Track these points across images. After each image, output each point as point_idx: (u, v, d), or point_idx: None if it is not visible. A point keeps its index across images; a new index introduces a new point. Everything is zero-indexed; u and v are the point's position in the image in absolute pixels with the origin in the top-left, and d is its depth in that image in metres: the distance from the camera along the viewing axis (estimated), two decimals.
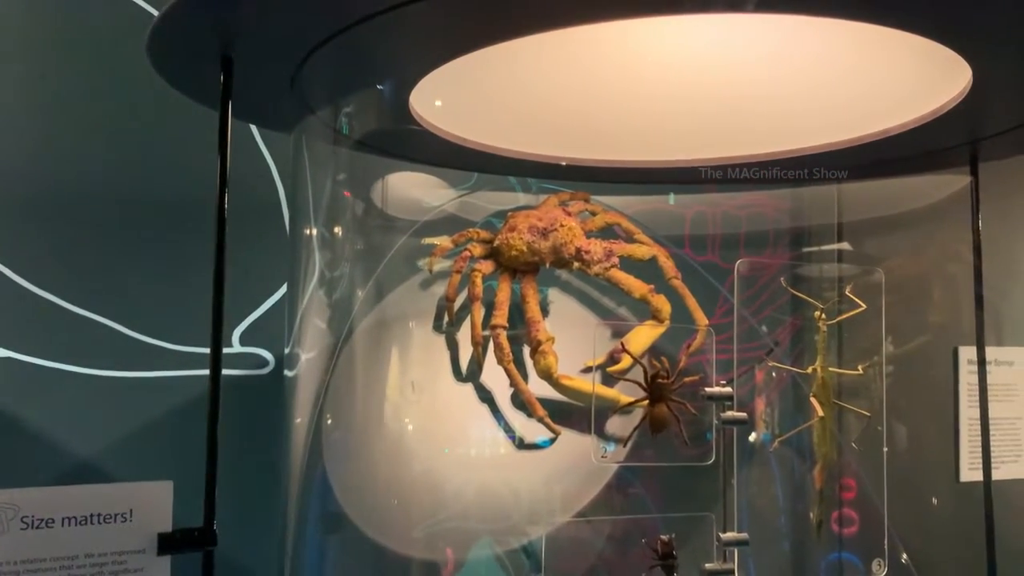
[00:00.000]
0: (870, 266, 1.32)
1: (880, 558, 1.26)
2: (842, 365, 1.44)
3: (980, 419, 1.52)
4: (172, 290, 1.53)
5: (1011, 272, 1.69)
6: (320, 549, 1.37)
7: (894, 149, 1.31)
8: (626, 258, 1.42)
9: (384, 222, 1.44)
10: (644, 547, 1.18)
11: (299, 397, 1.36)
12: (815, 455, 1.28)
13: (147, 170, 1.54)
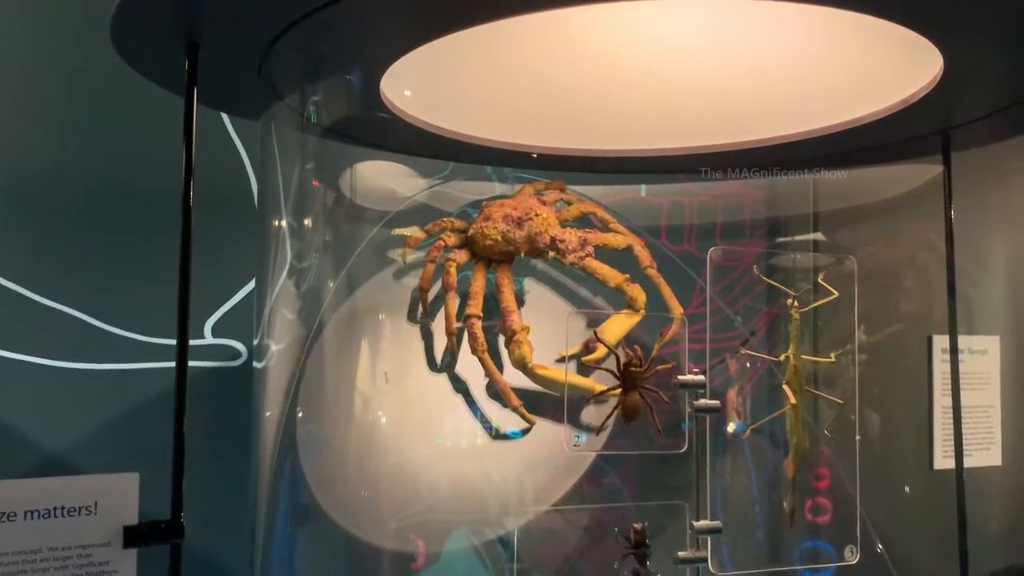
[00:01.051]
0: (844, 255, 1.33)
1: (852, 545, 1.26)
2: (817, 353, 1.44)
3: (952, 407, 1.53)
4: (143, 281, 1.51)
5: (984, 261, 1.70)
6: (292, 541, 1.36)
7: (867, 137, 1.31)
8: (601, 247, 1.42)
9: (356, 212, 1.43)
10: (617, 536, 1.18)
11: (269, 389, 1.35)
12: (788, 443, 1.28)
13: (117, 159, 1.51)
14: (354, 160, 1.41)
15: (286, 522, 1.34)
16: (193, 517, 1.07)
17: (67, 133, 1.49)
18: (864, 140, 1.34)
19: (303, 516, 1.35)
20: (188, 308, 1.04)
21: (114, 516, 0.98)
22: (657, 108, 1.35)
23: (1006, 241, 1.68)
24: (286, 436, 1.32)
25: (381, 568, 1.40)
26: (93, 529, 0.97)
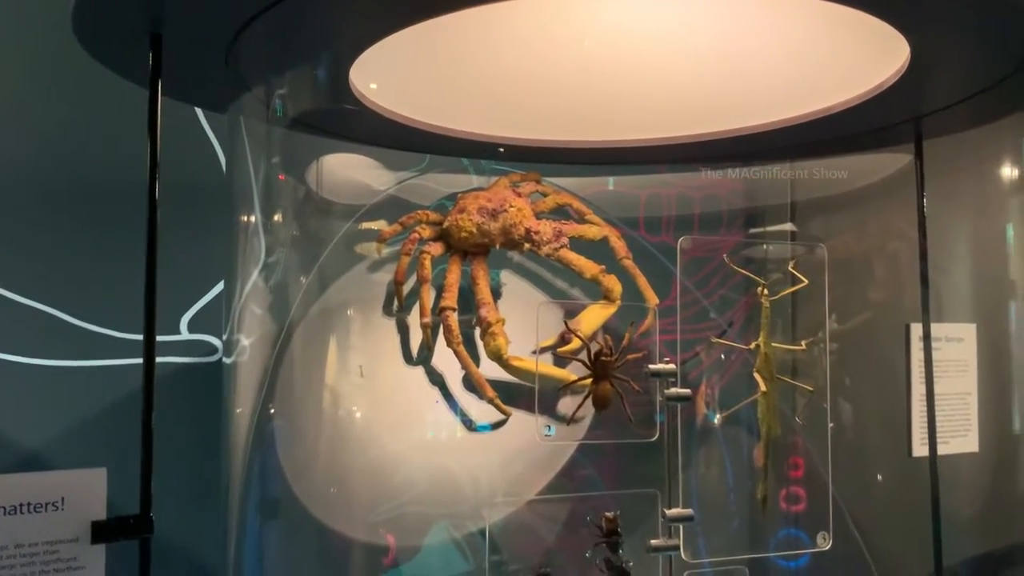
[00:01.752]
0: (815, 243, 1.33)
1: (825, 531, 1.27)
2: (793, 342, 1.45)
3: (926, 395, 1.54)
4: (118, 277, 1.49)
5: (961, 249, 1.71)
6: (269, 536, 1.36)
7: (840, 126, 1.32)
8: (577, 239, 1.42)
9: (328, 206, 1.42)
10: (589, 525, 1.18)
11: (240, 384, 1.34)
12: (759, 430, 1.28)
13: (92, 153, 1.50)
14: (326, 153, 1.40)
15: (261, 516, 1.33)
16: (167, 513, 1.07)
17: (37, 127, 1.48)
18: (837, 129, 1.34)
19: (280, 510, 1.35)
20: (155, 303, 1.03)
21: (82, 512, 0.97)
22: (630, 99, 1.34)
23: (981, 229, 1.68)
24: (259, 431, 1.32)
25: (359, 562, 1.39)
26: (60, 525, 0.96)
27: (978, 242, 1.68)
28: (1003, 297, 1.66)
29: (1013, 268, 1.65)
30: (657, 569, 1.20)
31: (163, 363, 1.52)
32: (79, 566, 0.97)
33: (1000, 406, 1.65)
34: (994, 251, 1.67)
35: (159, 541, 1.02)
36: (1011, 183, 1.60)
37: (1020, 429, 1.64)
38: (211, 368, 1.55)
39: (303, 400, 1.39)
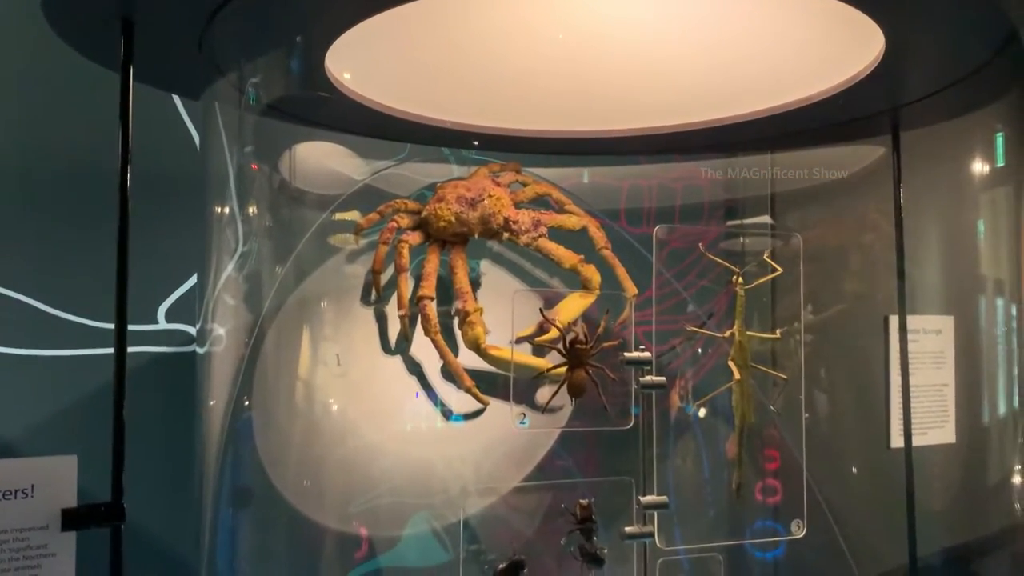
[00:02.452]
0: (794, 233, 1.34)
1: (799, 519, 1.28)
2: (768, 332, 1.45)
3: (902, 386, 1.56)
4: (95, 266, 1.48)
5: (938, 241, 1.72)
6: (244, 526, 1.35)
7: (817, 117, 1.32)
8: (557, 229, 1.42)
9: (304, 195, 1.41)
10: (564, 511, 1.18)
11: (215, 374, 1.33)
12: (734, 418, 1.29)
13: (70, 139, 1.48)
14: (302, 141, 1.39)
15: (236, 507, 1.33)
16: (140, 502, 1.06)
17: (8, 112, 1.46)
18: (814, 120, 1.35)
19: (255, 500, 1.34)
20: (126, 292, 1.03)
21: (52, 499, 0.97)
22: (609, 89, 1.35)
23: (958, 221, 1.70)
24: (234, 422, 1.31)
25: (336, 552, 1.39)
26: (30, 512, 0.96)
27: (955, 235, 1.69)
28: (980, 290, 1.67)
29: (988, 261, 1.66)
30: (632, 556, 1.20)
31: (140, 353, 1.52)
32: (49, 553, 0.97)
33: (977, 398, 1.67)
34: (971, 244, 1.69)
35: (131, 530, 1.02)
36: (987, 175, 1.61)
37: (995, 420, 1.65)
38: (188, 358, 1.54)
39: (278, 390, 1.38)
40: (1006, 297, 1.62)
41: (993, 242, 1.64)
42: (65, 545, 0.98)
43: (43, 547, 0.97)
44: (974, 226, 1.66)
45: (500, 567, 1.18)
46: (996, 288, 1.64)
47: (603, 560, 1.17)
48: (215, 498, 1.32)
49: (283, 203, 1.40)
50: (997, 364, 1.64)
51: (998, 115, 1.42)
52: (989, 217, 1.64)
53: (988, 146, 1.54)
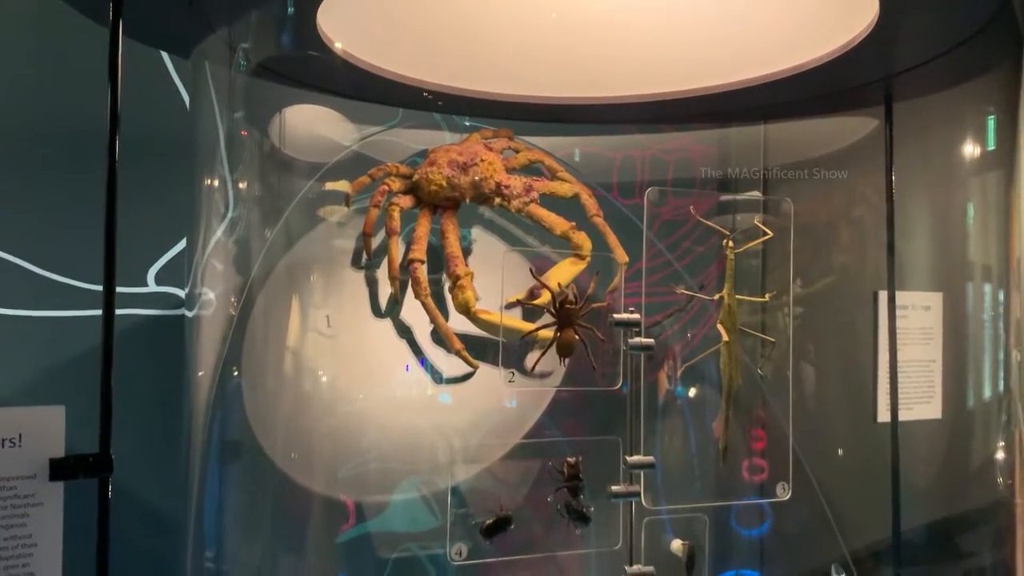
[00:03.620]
0: (784, 198, 1.34)
1: (784, 482, 1.29)
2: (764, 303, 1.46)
3: (889, 361, 1.56)
4: (86, 228, 1.47)
5: (929, 218, 1.72)
6: (233, 491, 1.35)
7: (811, 86, 1.32)
8: (549, 195, 1.42)
9: (294, 159, 1.40)
10: (551, 470, 1.19)
11: (204, 338, 1.33)
12: (721, 380, 1.30)
13: (64, 99, 1.47)
14: (294, 103, 1.38)
15: (224, 470, 1.33)
16: (129, 461, 1.06)
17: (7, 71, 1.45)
18: (808, 89, 1.35)
19: (243, 464, 1.35)
20: (115, 254, 1.02)
21: (39, 449, 0.97)
22: (601, 56, 1.34)
23: (949, 198, 1.70)
24: (222, 386, 1.31)
25: (325, 516, 1.40)
26: (18, 462, 0.96)
27: (946, 211, 1.69)
28: (969, 267, 1.68)
29: (977, 239, 1.67)
30: (618, 515, 1.21)
31: (129, 315, 1.51)
32: (37, 503, 0.97)
33: (964, 375, 1.68)
34: (962, 221, 1.69)
35: (119, 490, 1.02)
36: (978, 154, 1.61)
37: (982, 397, 1.66)
38: (178, 321, 1.54)
39: (267, 355, 1.38)
40: (995, 275, 1.63)
41: (982, 220, 1.64)
42: (53, 495, 0.98)
43: (31, 496, 0.97)
44: (964, 204, 1.67)
45: (487, 523, 1.19)
46: (985, 266, 1.65)
47: (589, 518, 1.18)
48: (203, 460, 1.32)
49: (273, 166, 1.40)
50: (985, 341, 1.65)
51: (989, 87, 1.43)
52: (979, 195, 1.64)
53: (979, 124, 1.55)
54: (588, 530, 1.19)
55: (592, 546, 1.24)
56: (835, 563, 1.47)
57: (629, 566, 1.17)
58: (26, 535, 0.96)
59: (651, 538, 1.19)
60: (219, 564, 1.31)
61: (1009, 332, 1.58)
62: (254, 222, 1.38)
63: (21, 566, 0.96)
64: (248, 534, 1.36)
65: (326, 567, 1.41)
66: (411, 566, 1.41)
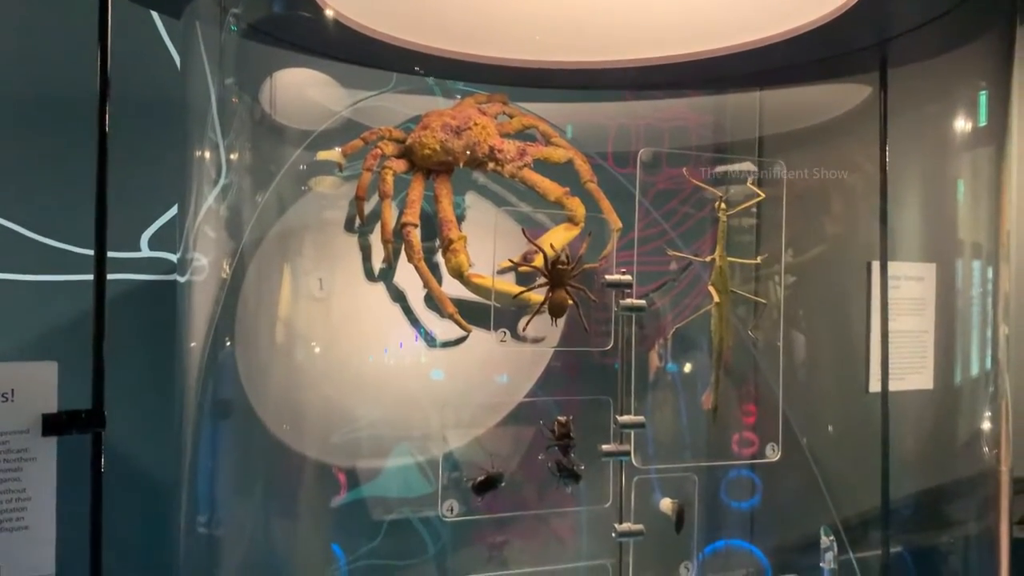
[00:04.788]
0: (777, 160, 1.33)
1: (774, 443, 1.30)
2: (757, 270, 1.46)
3: (880, 331, 1.57)
4: (81, 192, 1.47)
5: (925, 190, 1.72)
6: (226, 455, 1.36)
7: (806, 50, 1.32)
8: (543, 161, 1.41)
9: (288, 123, 1.39)
10: (542, 428, 1.20)
11: (196, 303, 1.33)
12: (712, 341, 1.30)
13: (59, 62, 1.46)
14: (286, 66, 1.37)
15: (216, 433, 1.34)
16: (123, 422, 1.07)
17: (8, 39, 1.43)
18: (803, 53, 1.34)
19: (237, 428, 1.35)
20: (106, 218, 1.01)
21: (32, 404, 0.97)
22: (597, 20, 1.33)
23: (943, 170, 1.70)
24: (214, 351, 1.31)
25: (319, 482, 1.41)
26: (10, 416, 0.96)
27: (937, 184, 1.69)
28: (960, 240, 1.68)
29: (968, 213, 1.67)
30: (608, 475, 1.22)
31: (123, 280, 1.51)
32: (30, 457, 0.98)
33: (956, 345, 1.69)
34: (952, 194, 1.69)
35: (113, 454, 1.02)
36: (970, 127, 1.61)
37: (971, 369, 1.67)
38: (172, 286, 1.54)
39: (260, 319, 1.38)
40: (984, 249, 1.64)
41: (973, 194, 1.64)
42: (46, 450, 0.98)
43: (24, 451, 0.97)
44: (955, 178, 1.67)
45: (478, 480, 1.20)
46: (975, 240, 1.65)
47: (579, 476, 1.19)
48: (196, 424, 1.33)
49: (266, 130, 1.39)
50: (974, 314, 1.66)
51: (982, 62, 1.42)
52: (970, 170, 1.64)
53: (971, 99, 1.55)
54: (579, 489, 1.21)
55: (583, 504, 1.25)
56: (824, 526, 1.48)
57: (619, 524, 1.19)
58: (20, 489, 0.97)
59: (641, 497, 1.20)
60: (212, 529, 1.32)
61: (998, 305, 1.59)
62: (246, 188, 1.37)
63: (15, 520, 0.97)
64: (242, 497, 1.37)
65: (321, 531, 1.42)
66: (406, 528, 1.43)
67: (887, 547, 1.58)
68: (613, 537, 1.22)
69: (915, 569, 1.63)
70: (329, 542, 1.43)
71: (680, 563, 1.27)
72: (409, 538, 1.44)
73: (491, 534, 1.39)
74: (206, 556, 1.32)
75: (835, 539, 1.51)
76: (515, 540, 1.39)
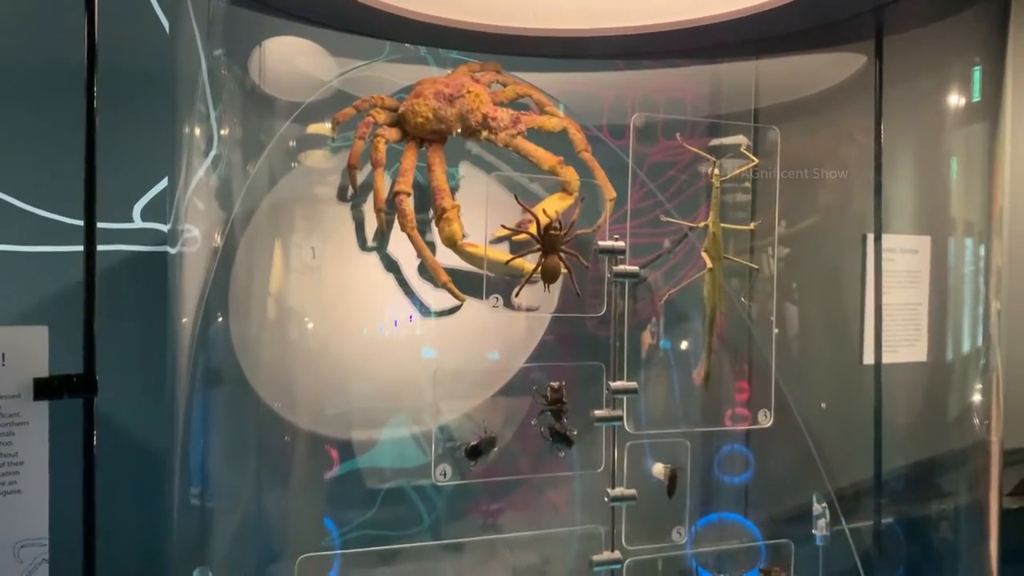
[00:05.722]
0: (771, 127, 1.32)
1: (766, 409, 1.31)
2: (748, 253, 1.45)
3: (874, 304, 1.57)
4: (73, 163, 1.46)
5: (919, 162, 1.72)
6: (220, 423, 1.36)
7: (800, 16, 1.30)
8: (536, 130, 1.40)
9: (279, 93, 1.38)
10: (535, 394, 1.20)
11: (187, 274, 1.33)
12: (705, 307, 1.30)
13: (52, 29, 1.44)
14: (277, 34, 1.35)
15: (211, 405, 1.33)
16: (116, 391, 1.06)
17: None
18: (798, 20, 1.33)
19: (229, 398, 1.35)
20: (95, 189, 1.00)
21: (23, 368, 0.97)
22: None
23: (937, 144, 1.69)
24: (206, 322, 1.31)
25: (312, 454, 1.41)
26: (1, 381, 0.96)
27: (931, 158, 1.69)
28: (952, 215, 1.68)
29: (961, 188, 1.67)
30: (601, 440, 1.23)
31: (115, 251, 1.50)
32: (22, 422, 0.97)
33: (949, 318, 1.69)
34: (946, 169, 1.69)
35: (106, 423, 1.02)
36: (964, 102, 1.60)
37: (964, 342, 1.68)
38: (164, 257, 1.53)
39: (253, 292, 1.38)
40: (977, 225, 1.64)
41: (966, 170, 1.64)
42: (38, 415, 0.98)
43: (15, 415, 0.97)
44: (949, 153, 1.66)
45: (471, 444, 1.21)
46: (967, 215, 1.65)
47: (572, 440, 1.19)
48: (188, 395, 1.33)
49: (256, 100, 1.38)
50: (967, 288, 1.66)
51: (977, 37, 1.41)
52: (963, 145, 1.64)
53: (965, 75, 1.54)
54: (572, 454, 1.21)
55: (576, 469, 1.25)
56: (816, 493, 1.49)
57: (611, 489, 1.19)
58: (12, 453, 0.97)
59: (633, 462, 1.20)
60: (205, 500, 1.33)
61: (990, 280, 1.60)
62: (236, 158, 1.36)
63: (8, 483, 0.97)
64: (236, 468, 1.37)
65: (316, 502, 1.43)
66: (401, 499, 1.43)
67: (879, 517, 1.60)
68: (606, 502, 1.23)
69: (907, 538, 1.64)
70: (325, 512, 1.43)
71: (673, 528, 1.28)
72: (404, 509, 1.45)
73: (486, 503, 1.39)
74: (199, 525, 1.32)
75: (827, 507, 1.52)
76: (509, 509, 1.40)
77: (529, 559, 1.33)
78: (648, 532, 1.28)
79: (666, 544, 1.28)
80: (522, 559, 1.33)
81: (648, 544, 1.27)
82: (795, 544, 1.49)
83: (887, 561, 1.59)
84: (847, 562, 1.59)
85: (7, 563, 0.96)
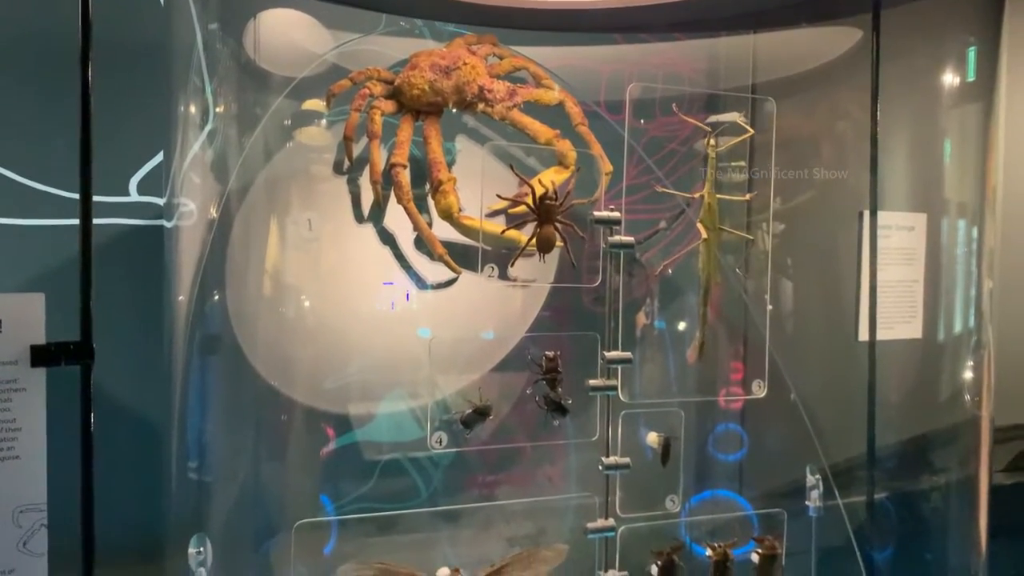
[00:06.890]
0: (767, 98, 1.32)
1: (760, 380, 1.31)
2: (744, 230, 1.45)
3: (869, 281, 1.58)
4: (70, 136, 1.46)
5: (917, 139, 1.72)
6: (218, 396, 1.37)
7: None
8: (533, 103, 1.40)
9: (274, 67, 1.37)
10: (530, 363, 1.21)
11: (184, 246, 1.33)
12: (700, 278, 1.30)
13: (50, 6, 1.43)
14: (273, 7, 1.35)
15: (208, 378, 1.34)
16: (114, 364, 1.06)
17: None
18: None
19: (226, 372, 1.36)
20: (90, 162, 1.01)
21: (20, 335, 0.97)
22: None
23: (932, 123, 1.69)
24: (202, 296, 1.31)
25: (309, 428, 1.41)
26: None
27: (926, 137, 1.69)
28: (947, 195, 1.68)
29: (956, 168, 1.67)
30: (595, 409, 1.23)
31: (111, 224, 1.51)
32: (20, 388, 0.98)
33: (941, 296, 1.69)
34: (940, 149, 1.69)
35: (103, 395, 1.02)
36: (958, 82, 1.60)
37: (957, 319, 1.68)
38: (161, 231, 1.53)
39: (249, 266, 1.38)
40: (971, 204, 1.64)
41: (960, 150, 1.64)
42: (35, 381, 0.98)
43: (12, 382, 0.98)
44: (943, 133, 1.66)
45: (466, 412, 1.21)
46: (961, 195, 1.65)
47: (567, 409, 1.20)
48: (186, 369, 1.33)
49: (252, 72, 1.37)
50: (959, 266, 1.66)
51: (973, 18, 1.40)
52: (958, 125, 1.64)
53: (960, 54, 1.53)
54: (566, 423, 1.22)
55: (570, 438, 1.26)
56: (810, 464, 1.50)
57: (606, 457, 1.20)
58: (10, 419, 0.97)
59: (628, 431, 1.21)
60: (202, 474, 1.34)
61: (982, 259, 1.60)
62: (232, 132, 1.36)
63: (6, 449, 0.97)
64: (233, 440, 1.37)
65: (313, 475, 1.44)
66: (398, 472, 1.44)
67: (872, 491, 1.61)
68: (600, 470, 1.24)
69: (899, 513, 1.66)
70: (322, 486, 1.44)
71: (666, 496, 1.29)
72: (401, 482, 1.46)
73: (482, 475, 1.40)
74: (196, 497, 1.33)
75: (821, 479, 1.53)
76: (505, 481, 1.41)
77: (524, 528, 1.35)
78: (642, 500, 1.29)
79: (659, 512, 1.29)
80: (517, 528, 1.34)
81: (642, 512, 1.28)
82: (789, 518, 1.51)
83: (880, 535, 1.60)
84: (841, 536, 1.61)
85: (6, 528, 0.97)
